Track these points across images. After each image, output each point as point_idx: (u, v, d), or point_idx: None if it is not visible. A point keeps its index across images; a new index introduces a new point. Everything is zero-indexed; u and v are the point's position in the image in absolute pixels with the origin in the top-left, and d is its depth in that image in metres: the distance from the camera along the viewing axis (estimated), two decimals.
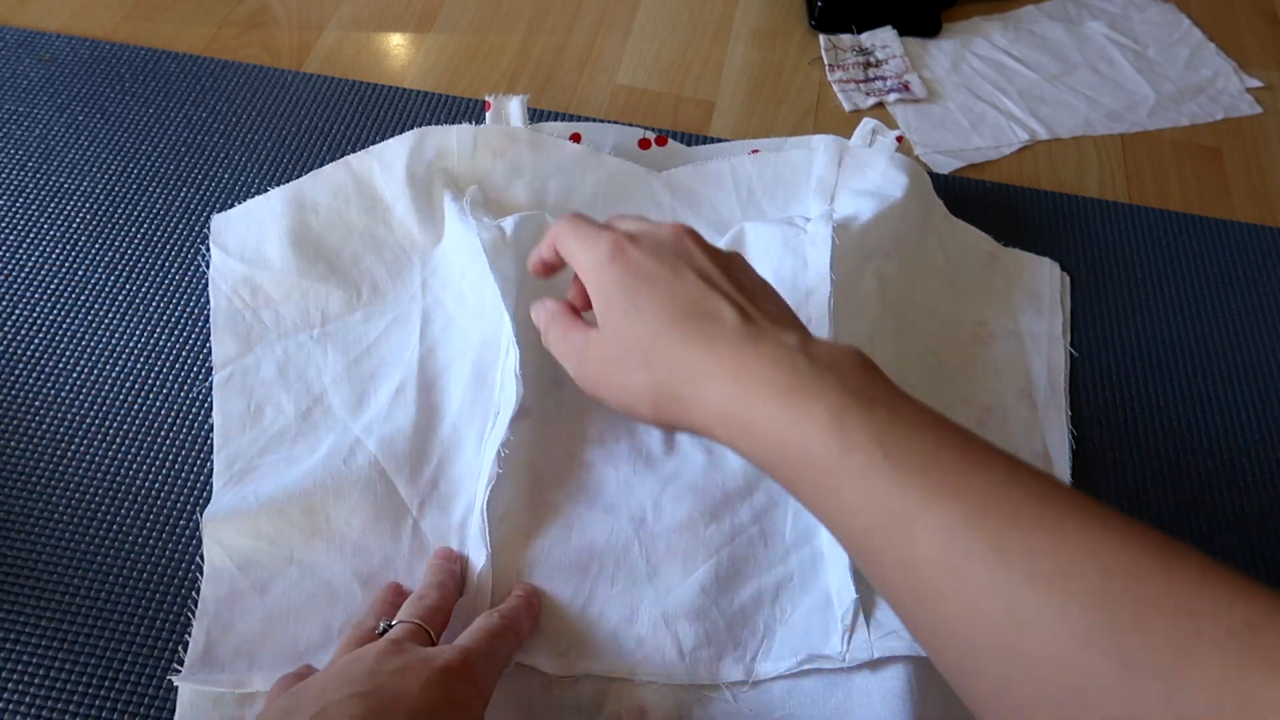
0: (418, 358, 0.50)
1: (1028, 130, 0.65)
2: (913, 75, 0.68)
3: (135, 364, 0.51)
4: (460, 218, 0.51)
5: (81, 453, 0.48)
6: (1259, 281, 0.59)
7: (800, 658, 0.41)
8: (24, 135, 0.59)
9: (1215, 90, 0.69)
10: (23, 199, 0.56)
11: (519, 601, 0.41)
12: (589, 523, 0.45)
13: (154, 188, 0.57)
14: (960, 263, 0.56)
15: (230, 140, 0.60)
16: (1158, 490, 0.50)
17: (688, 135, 0.63)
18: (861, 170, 0.55)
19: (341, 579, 0.43)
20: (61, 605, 0.43)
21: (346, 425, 0.47)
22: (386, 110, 0.63)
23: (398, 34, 0.69)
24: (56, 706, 0.41)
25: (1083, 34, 0.72)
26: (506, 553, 0.44)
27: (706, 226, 0.56)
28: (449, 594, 0.41)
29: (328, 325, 0.51)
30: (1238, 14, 0.75)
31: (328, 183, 0.54)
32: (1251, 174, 0.65)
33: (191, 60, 0.64)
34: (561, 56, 0.68)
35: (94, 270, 0.54)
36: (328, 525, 0.44)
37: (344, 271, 0.52)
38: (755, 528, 0.45)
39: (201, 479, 0.47)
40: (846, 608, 0.41)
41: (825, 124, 0.65)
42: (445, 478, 0.46)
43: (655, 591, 0.43)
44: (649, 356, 0.36)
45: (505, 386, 0.46)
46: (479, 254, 0.48)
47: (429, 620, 0.38)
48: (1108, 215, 0.61)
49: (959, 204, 0.58)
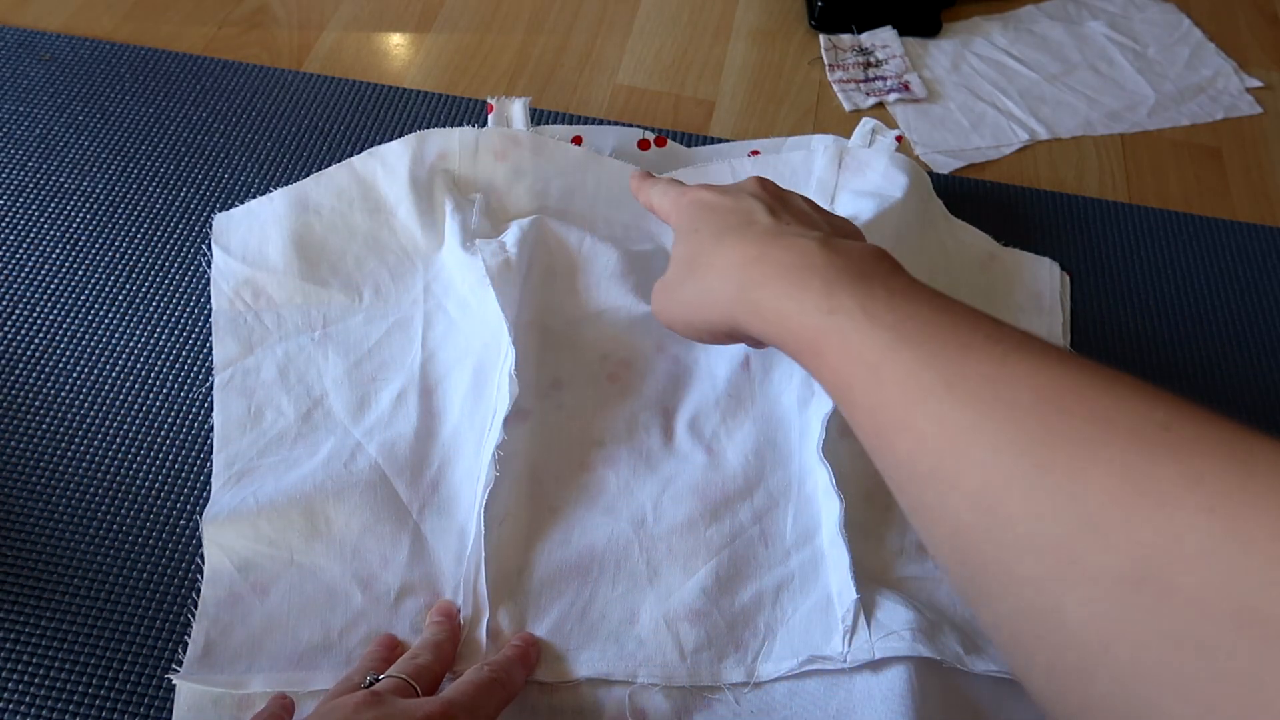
0: (419, 362, 0.50)
1: (1028, 130, 0.65)
2: (913, 75, 0.68)
3: (135, 364, 0.51)
4: (461, 241, 0.51)
5: (81, 453, 0.48)
6: (1259, 281, 0.59)
7: (801, 659, 0.41)
8: (24, 135, 0.59)
9: (1215, 90, 0.69)
10: (23, 199, 0.56)
11: (514, 653, 0.40)
12: (589, 525, 0.45)
13: (154, 188, 0.57)
14: (960, 263, 0.56)
15: (230, 140, 0.60)
16: None
17: (688, 135, 0.63)
18: (861, 170, 0.55)
19: (341, 582, 0.43)
20: (61, 605, 0.43)
21: (347, 429, 0.47)
22: (386, 110, 0.63)
23: (398, 34, 0.69)
24: (56, 706, 0.41)
25: (1083, 34, 0.72)
26: (506, 555, 0.44)
27: None
28: (444, 656, 0.40)
29: (329, 328, 0.51)
30: (1238, 14, 0.75)
31: (331, 185, 0.54)
32: (1251, 174, 0.65)
33: (191, 60, 0.64)
34: (561, 56, 0.68)
35: (94, 270, 0.54)
36: (328, 528, 0.44)
37: (346, 274, 0.52)
38: (755, 528, 0.45)
39: (201, 480, 0.47)
40: (847, 608, 0.41)
41: (825, 124, 0.65)
42: (446, 481, 0.46)
43: (656, 593, 0.43)
44: (695, 263, 0.40)
45: (501, 388, 0.46)
46: (482, 277, 0.48)
47: (416, 678, 0.37)
48: (1108, 215, 0.61)
49: (959, 204, 0.58)
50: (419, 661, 0.39)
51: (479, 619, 0.42)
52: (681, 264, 0.41)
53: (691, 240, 0.41)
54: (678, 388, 0.50)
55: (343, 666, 0.41)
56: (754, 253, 0.37)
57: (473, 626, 0.42)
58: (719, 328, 0.39)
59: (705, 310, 0.39)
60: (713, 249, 0.39)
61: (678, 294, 0.41)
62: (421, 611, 0.43)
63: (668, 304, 0.43)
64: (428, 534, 0.45)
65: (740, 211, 0.40)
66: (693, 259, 0.40)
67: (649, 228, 0.55)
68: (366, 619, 0.42)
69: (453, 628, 0.41)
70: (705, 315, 0.39)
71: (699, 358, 0.51)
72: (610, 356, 0.51)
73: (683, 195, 0.44)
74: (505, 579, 0.43)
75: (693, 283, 0.40)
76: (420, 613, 0.43)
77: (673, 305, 0.42)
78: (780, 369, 0.50)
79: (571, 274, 0.51)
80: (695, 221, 0.41)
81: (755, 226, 0.39)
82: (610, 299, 0.50)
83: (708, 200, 0.42)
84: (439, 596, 0.43)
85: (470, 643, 0.42)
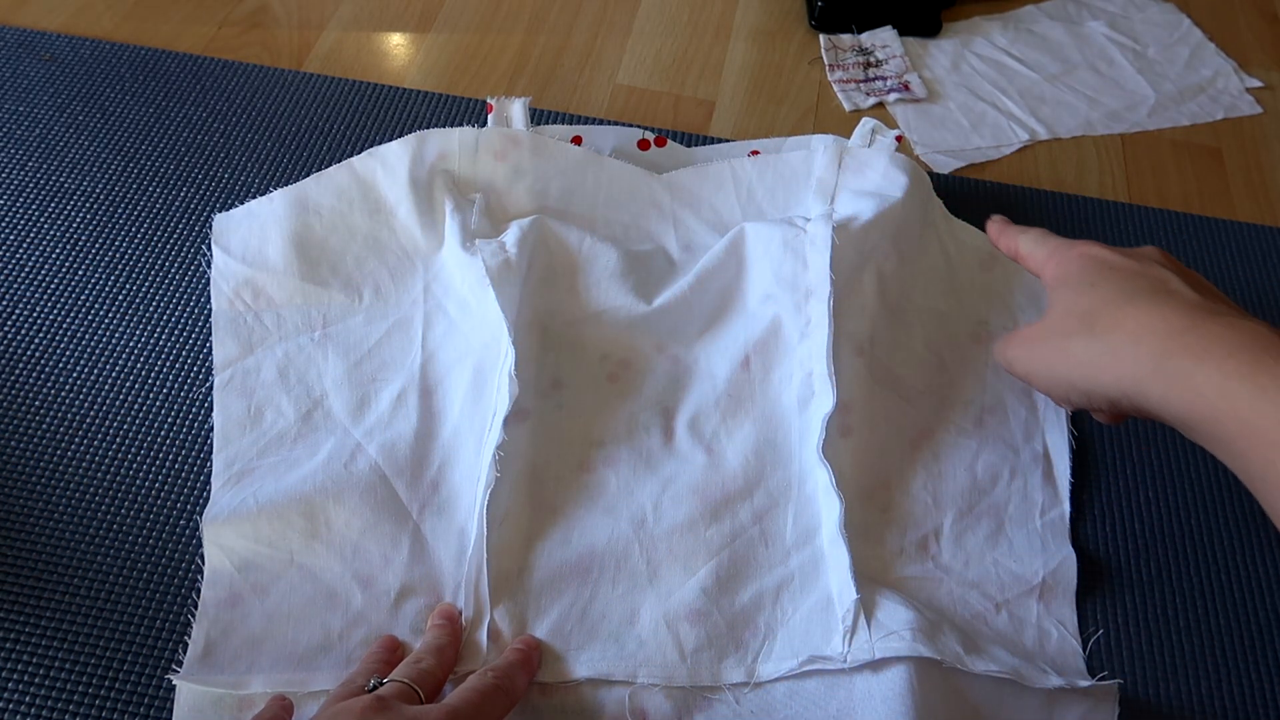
0: (419, 363, 0.50)
1: (1028, 130, 0.65)
2: (913, 75, 0.68)
3: (135, 364, 0.51)
4: (461, 241, 0.51)
5: (81, 453, 0.48)
6: (1259, 281, 0.59)
7: (801, 659, 0.41)
8: (24, 135, 0.59)
9: (1215, 90, 0.69)
10: (23, 199, 0.56)
11: (516, 657, 0.40)
12: (589, 525, 0.45)
13: (154, 188, 0.57)
14: (960, 263, 0.56)
15: (230, 140, 0.60)
16: (1158, 490, 0.50)
17: (688, 135, 0.63)
18: (861, 170, 0.55)
19: (341, 582, 0.43)
20: (61, 605, 0.43)
21: (347, 430, 0.47)
22: (386, 110, 0.63)
23: (398, 34, 0.69)
24: (56, 706, 0.41)
25: (1083, 34, 0.72)
26: (506, 555, 0.44)
27: (706, 227, 0.56)
28: (446, 660, 0.40)
29: (329, 328, 0.51)
30: (1238, 14, 0.75)
31: (331, 185, 0.54)
32: (1251, 174, 0.65)
33: (191, 60, 0.64)
34: (561, 56, 0.68)
35: (94, 270, 0.54)
36: (328, 529, 0.44)
37: (346, 275, 0.52)
38: (756, 529, 0.45)
39: (201, 480, 0.47)
40: (847, 608, 0.41)
41: (825, 124, 0.65)
42: (446, 482, 0.46)
43: (656, 593, 0.43)
44: (1093, 318, 0.36)
45: (501, 388, 0.46)
46: (482, 277, 0.48)
47: (420, 683, 0.37)
48: (1108, 215, 0.61)
49: (959, 204, 0.58)
50: (422, 666, 0.38)
51: (480, 620, 0.42)
52: (1071, 316, 0.37)
53: (1087, 295, 0.37)
54: (678, 388, 0.50)
55: (343, 667, 0.41)
56: (1184, 323, 0.34)
57: (474, 628, 0.42)
58: (1108, 391, 0.36)
59: (1101, 370, 0.36)
60: (1121, 309, 0.36)
61: (1063, 346, 0.38)
62: (422, 612, 0.43)
63: (1040, 353, 0.39)
64: (428, 534, 0.45)
65: (1151, 278, 0.37)
66: (1090, 314, 0.37)
67: (649, 228, 0.56)
68: (367, 620, 0.42)
69: (454, 631, 0.41)
70: (1099, 375, 0.36)
71: (699, 358, 0.51)
72: (610, 356, 0.51)
73: (1070, 248, 0.41)
74: (505, 579, 0.43)
75: (1089, 339, 0.36)
76: (420, 613, 0.43)
77: (1051, 356, 0.38)
78: (780, 369, 0.50)
79: (571, 274, 0.51)
80: (1093, 276, 0.38)
81: (1177, 296, 0.36)
82: (610, 299, 0.50)
83: (1107, 258, 0.39)
84: (439, 597, 0.43)
85: (471, 644, 0.42)
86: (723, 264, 0.51)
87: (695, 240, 0.55)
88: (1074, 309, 0.38)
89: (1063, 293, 0.39)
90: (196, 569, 0.44)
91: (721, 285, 0.52)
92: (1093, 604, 0.45)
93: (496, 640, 0.42)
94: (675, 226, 0.56)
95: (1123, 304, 0.36)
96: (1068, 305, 0.38)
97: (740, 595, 0.43)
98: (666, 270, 0.53)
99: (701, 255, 0.52)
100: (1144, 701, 0.43)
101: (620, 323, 0.51)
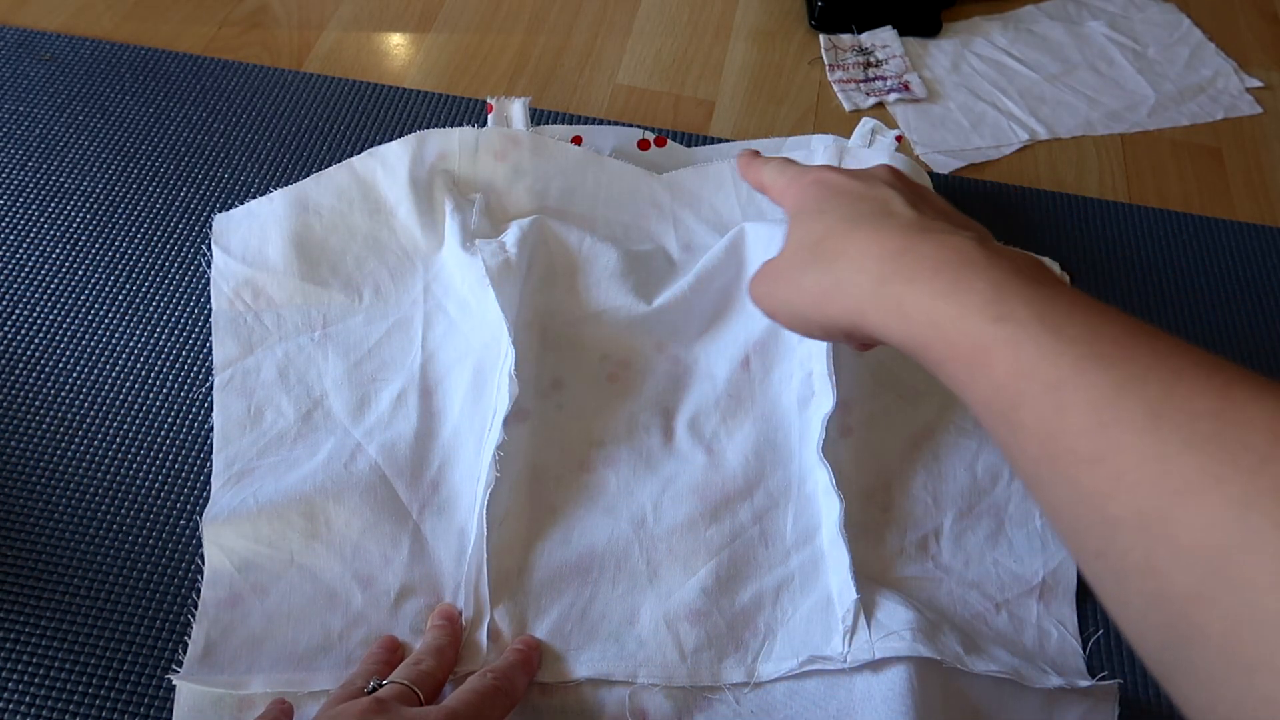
0: (419, 363, 0.50)
1: (1028, 130, 0.65)
2: (913, 75, 0.68)
3: (135, 364, 0.51)
4: (461, 241, 0.51)
5: (81, 453, 0.48)
6: (1259, 281, 0.59)
7: (801, 659, 0.41)
8: (24, 135, 0.59)
9: (1215, 90, 0.69)
10: (23, 199, 0.56)
11: (516, 658, 0.40)
12: (589, 525, 0.45)
13: (154, 188, 0.57)
14: None
15: (230, 140, 0.60)
16: None
17: (688, 135, 0.63)
18: None
19: (341, 582, 0.43)
20: (61, 605, 0.43)
21: (347, 430, 0.47)
22: (386, 110, 0.63)
23: (398, 34, 0.69)
24: (56, 706, 0.41)
25: (1083, 34, 0.72)
26: (506, 555, 0.44)
27: (706, 227, 0.56)
28: (446, 661, 0.40)
29: (329, 328, 0.51)
30: (1238, 14, 0.75)
31: (331, 185, 0.54)
32: (1251, 174, 0.65)
33: (191, 60, 0.64)
34: (561, 56, 0.68)
35: (94, 270, 0.54)
36: (328, 529, 0.44)
37: (346, 275, 0.52)
38: (755, 529, 0.45)
39: (201, 480, 0.47)
40: (848, 608, 0.41)
41: (825, 124, 0.65)
42: (446, 482, 0.46)
43: (656, 593, 0.43)
44: (821, 249, 0.35)
45: (501, 388, 0.46)
46: (482, 277, 0.48)
47: (420, 684, 0.37)
48: (1108, 215, 0.61)
49: (959, 204, 0.57)
50: (422, 667, 0.38)
51: (480, 621, 0.42)
52: (803, 248, 0.36)
53: (817, 223, 0.36)
54: (677, 388, 0.50)
55: (343, 667, 0.41)
56: (897, 245, 0.33)
57: (474, 628, 0.42)
58: (838, 322, 0.35)
59: (829, 302, 0.34)
60: (845, 235, 0.35)
61: (797, 280, 0.36)
62: (422, 612, 0.43)
63: (777, 289, 0.38)
64: (428, 534, 0.45)
65: (875, 199, 0.36)
66: (818, 244, 0.35)
67: (649, 227, 0.56)
68: (367, 620, 0.42)
69: (454, 631, 0.41)
70: (827, 307, 0.35)
71: (699, 358, 0.51)
72: (610, 356, 0.51)
73: (804, 175, 0.40)
74: (505, 579, 0.43)
75: (818, 270, 0.35)
76: (420, 613, 0.43)
77: (785, 291, 0.37)
78: (780, 369, 0.50)
79: (571, 274, 0.51)
80: (821, 204, 0.37)
81: (896, 217, 0.34)
82: (610, 299, 0.50)
83: (836, 183, 0.38)
84: (439, 597, 0.43)
85: (471, 644, 0.42)
86: (723, 264, 0.51)
87: (695, 240, 0.55)
88: (806, 239, 0.36)
89: (797, 225, 0.38)
90: (196, 569, 0.44)
91: (721, 285, 0.52)
92: (1093, 604, 0.45)
93: (496, 640, 0.42)
94: (675, 226, 0.56)
95: (848, 231, 0.35)
96: (799, 237, 0.37)
97: (740, 595, 0.43)
98: (666, 270, 0.53)
99: (701, 255, 0.52)
100: (1144, 701, 0.43)
101: (620, 323, 0.51)
